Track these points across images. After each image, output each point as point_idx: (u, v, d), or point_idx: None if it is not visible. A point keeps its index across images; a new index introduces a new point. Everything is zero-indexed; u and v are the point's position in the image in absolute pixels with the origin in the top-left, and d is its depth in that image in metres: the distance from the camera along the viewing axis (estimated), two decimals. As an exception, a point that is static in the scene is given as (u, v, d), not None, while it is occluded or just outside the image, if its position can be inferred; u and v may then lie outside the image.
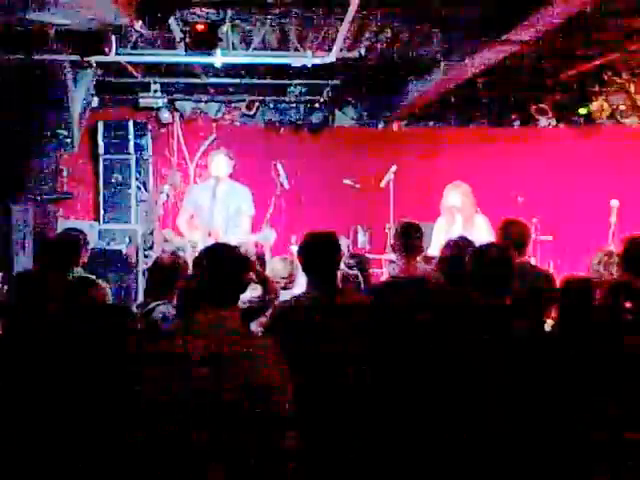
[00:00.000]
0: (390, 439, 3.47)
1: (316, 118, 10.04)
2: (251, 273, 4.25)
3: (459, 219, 6.77)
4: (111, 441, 3.12)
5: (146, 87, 9.44)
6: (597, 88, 9.67)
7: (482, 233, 6.48)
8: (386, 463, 3.45)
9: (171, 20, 6.40)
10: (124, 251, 8.59)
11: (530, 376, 3.34)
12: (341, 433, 3.49)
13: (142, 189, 9.47)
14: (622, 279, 4.53)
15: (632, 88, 9.53)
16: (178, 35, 6.81)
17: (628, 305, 3.90)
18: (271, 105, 10.11)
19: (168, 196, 9.38)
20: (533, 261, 7.52)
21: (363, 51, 7.42)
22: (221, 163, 7.20)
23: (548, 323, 4.17)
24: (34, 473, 3.14)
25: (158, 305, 4.40)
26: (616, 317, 3.94)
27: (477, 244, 4.41)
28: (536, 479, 3.29)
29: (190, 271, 4.77)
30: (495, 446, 3.28)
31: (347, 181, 9.13)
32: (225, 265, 3.03)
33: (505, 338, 3.43)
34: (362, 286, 5.71)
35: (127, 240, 8.88)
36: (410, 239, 4.73)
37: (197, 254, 3.24)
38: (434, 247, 6.38)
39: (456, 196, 6.82)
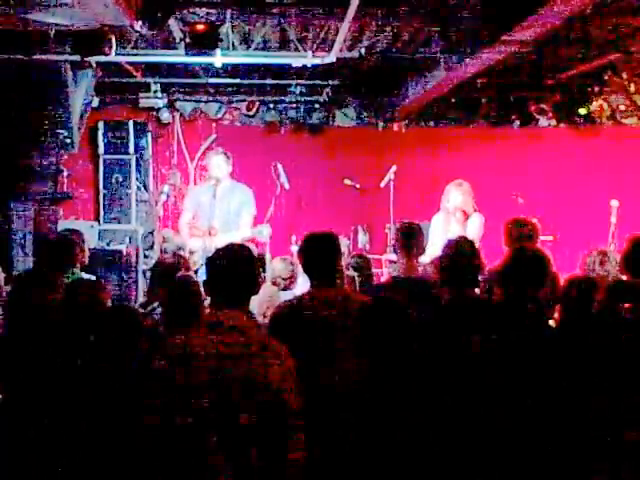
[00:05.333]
0: (390, 439, 3.47)
1: (316, 118, 10.05)
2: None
3: (458, 217, 6.77)
4: (115, 442, 3.12)
5: (146, 87, 9.45)
6: (597, 88, 9.67)
7: (474, 230, 6.54)
8: (387, 461, 3.45)
9: (171, 20, 6.41)
10: (124, 251, 8.58)
11: (531, 375, 3.34)
12: (342, 432, 3.49)
13: (142, 189, 9.48)
14: (621, 279, 4.53)
15: (632, 88, 9.53)
16: (178, 35, 6.82)
17: (627, 305, 3.91)
18: (271, 105, 10.12)
19: (168, 196, 9.40)
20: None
21: (363, 51, 7.42)
22: (220, 164, 7.19)
23: (551, 323, 4.16)
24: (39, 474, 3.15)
25: (159, 305, 4.41)
26: (616, 317, 3.94)
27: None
28: (536, 478, 3.29)
29: (191, 271, 4.79)
30: (494, 445, 3.28)
31: (347, 181, 9.14)
32: (235, 265, 3.03)
33: (505, 338, 3.43)
34: (358, 287, 5.71)
35: (127, 240, 8.88)
36: (411, 240, 4.74)
37: (194, 260, 3.27)
38: (432, 245, 6.35)
39: (458, 195, 6.82)
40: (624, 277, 4.53)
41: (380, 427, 3.43)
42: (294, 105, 10.04)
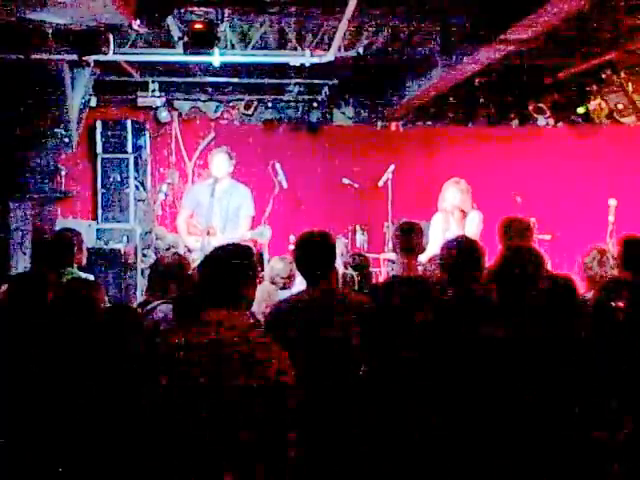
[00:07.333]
0: (387, 439, 3.48)
1: (314, 117, 10.03)
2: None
3: (457, 216, 6.78)
4: (114, 441, 3.12)
5: (144, 86, 9.44)
6: (595, 87, 9.68)
7: (472, 228, 6.55)
8: (383, 461, 3.45)
9: (169, 19, 6.41)
10: (122, 250, 8.58)
11: (529, 375, 3.34)
12: (337, 431, 3.50)
13: (140, 188, 9.47)
14: (620, 277, 4.54)
15: (630, 87, 9.52)
16: (176, 34, 6.81)
17: (620, 304, 3.91)
18: (269, 104, 10.11)
19: (166, 195, 9.41)
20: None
21: (361, 50, 7.42)
22: (221, 162, 7.20)
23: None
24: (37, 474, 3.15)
25: (159, 304, 4.40)
26: (611, 315, 3.94)
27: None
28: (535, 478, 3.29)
29: (191, 270, 4.78)
30: (495, 443, 3.28)
31: (345, 180, 9.15)
32: (231, 264, 3.03)
33: (505, 336, 3.43)
34: (356, 287, 5.71)
35: (125, 239, 8.87)
36: (411, 239, 4.74)
37: (193, 258, 3.26)
38: (432, 244, 6.36)
39: (456, 194, 6.83)
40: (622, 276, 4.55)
41: (379, 426, 3.43)
42: (292, 104, 10.04)
